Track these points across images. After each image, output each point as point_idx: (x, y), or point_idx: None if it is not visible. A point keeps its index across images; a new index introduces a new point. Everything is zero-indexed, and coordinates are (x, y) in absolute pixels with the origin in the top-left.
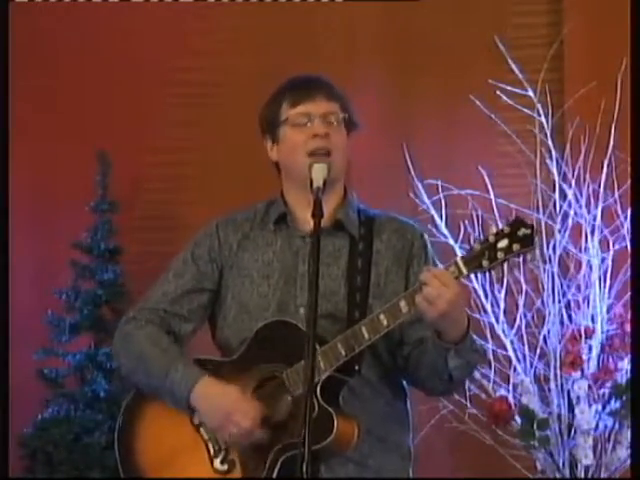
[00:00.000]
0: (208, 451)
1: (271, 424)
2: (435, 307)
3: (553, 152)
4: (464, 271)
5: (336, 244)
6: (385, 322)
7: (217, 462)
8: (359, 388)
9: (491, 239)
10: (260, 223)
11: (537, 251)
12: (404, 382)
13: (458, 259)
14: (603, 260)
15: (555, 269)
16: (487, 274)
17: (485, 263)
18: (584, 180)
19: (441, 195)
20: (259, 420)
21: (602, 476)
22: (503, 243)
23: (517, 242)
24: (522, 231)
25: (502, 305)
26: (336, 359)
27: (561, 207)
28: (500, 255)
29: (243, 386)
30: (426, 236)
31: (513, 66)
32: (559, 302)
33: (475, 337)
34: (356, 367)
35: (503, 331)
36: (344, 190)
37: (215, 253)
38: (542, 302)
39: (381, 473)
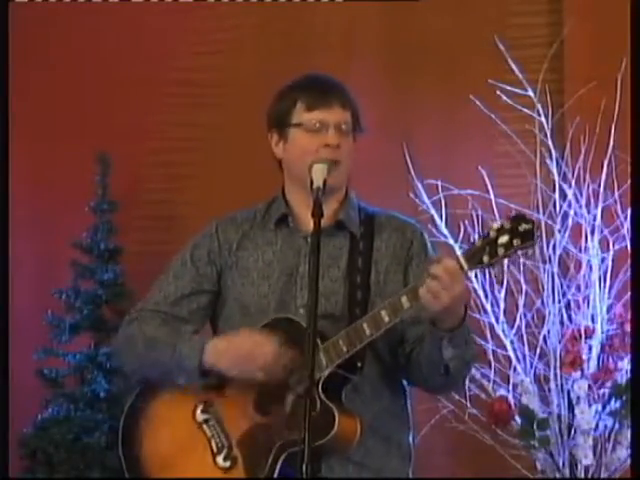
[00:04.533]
0: (211, 448)
1: (275, 420)
2: (439, 301)
3: (553, 152)
4: (465, 267)
5: (336, 244)
6: (387, 318)
7: (220, 459)
8: (360, 385)
9: (492, 235)
10: (260, 223)
11: (537, 250)
12: (404, 381)
13: (459, 255)
14: (603, 260)
15: (555, 269)
16: (487, 274)
17: (486, 259)
18: (584, 180)
19: (441, 195)
20: (278, 353)
21: (602, 476)
22: (504, 239)
23: (518, 237)
24: (523, 226)
25: (502, 305)
26: (338, 355)
27: (561, 207)
28: (501, 251)
29: (245, 385)
30: (426, 235)
31: (513, 66)
32: (559, 302)
33: (475, 337)
34: (358, 364)
35: (503, 331)
36: (345, 190)
37: (215, 254)
38: (542, 302)
39: (381, 474)
